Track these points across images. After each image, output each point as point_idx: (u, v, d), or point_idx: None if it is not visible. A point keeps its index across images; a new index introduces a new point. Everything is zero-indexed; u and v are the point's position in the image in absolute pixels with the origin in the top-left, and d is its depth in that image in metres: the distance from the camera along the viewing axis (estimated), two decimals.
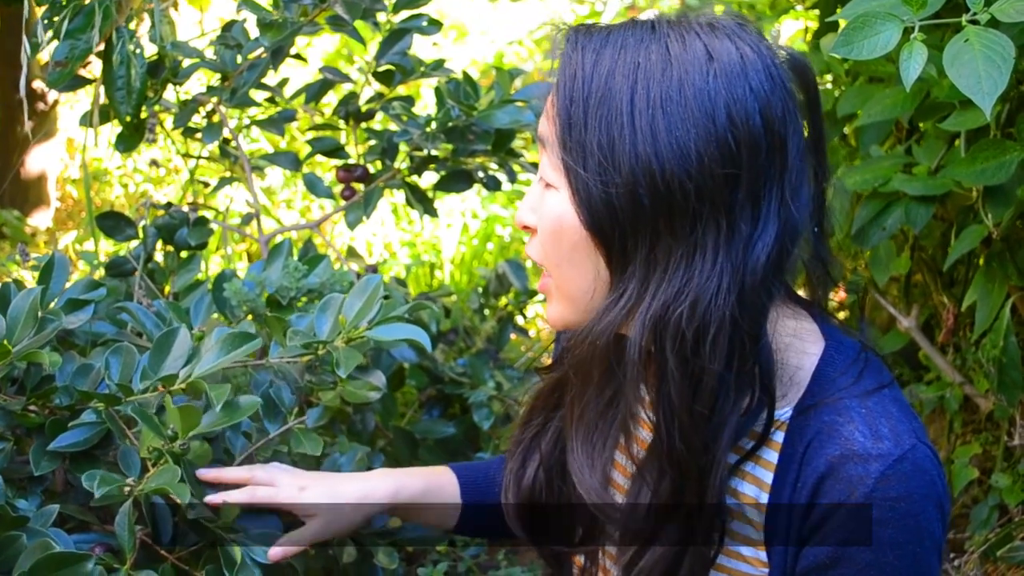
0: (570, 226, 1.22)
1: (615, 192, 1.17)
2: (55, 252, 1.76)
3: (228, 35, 2.35)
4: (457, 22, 6.33)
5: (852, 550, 1.20)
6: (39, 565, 1.33)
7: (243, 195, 4.46)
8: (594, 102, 1.18)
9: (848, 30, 1.61)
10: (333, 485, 1.58)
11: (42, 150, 4.61)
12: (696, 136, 1.15)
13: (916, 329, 2.63)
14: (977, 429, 2.79)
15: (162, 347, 1.59)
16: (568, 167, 1.20)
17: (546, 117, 1.25)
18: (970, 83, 1.53)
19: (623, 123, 1.16)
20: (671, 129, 1.15)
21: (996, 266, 2.23)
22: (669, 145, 1.15)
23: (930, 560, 1.21)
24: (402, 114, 2.37)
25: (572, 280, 1.25)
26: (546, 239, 1.25)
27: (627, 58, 1.18)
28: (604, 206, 1.18)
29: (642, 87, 1.16)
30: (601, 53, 1.19)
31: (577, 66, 1.20)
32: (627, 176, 1.16)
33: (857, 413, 1.22)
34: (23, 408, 1.59)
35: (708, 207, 1.16)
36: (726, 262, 1.16)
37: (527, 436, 1.49)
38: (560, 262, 1.25)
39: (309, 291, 1.99)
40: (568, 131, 1.19)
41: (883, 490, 1.18)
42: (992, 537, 2.42)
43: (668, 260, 1.17)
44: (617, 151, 1.16)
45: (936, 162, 2.28)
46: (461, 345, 3.01)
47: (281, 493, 1.55)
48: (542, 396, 1.48)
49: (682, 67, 1.16)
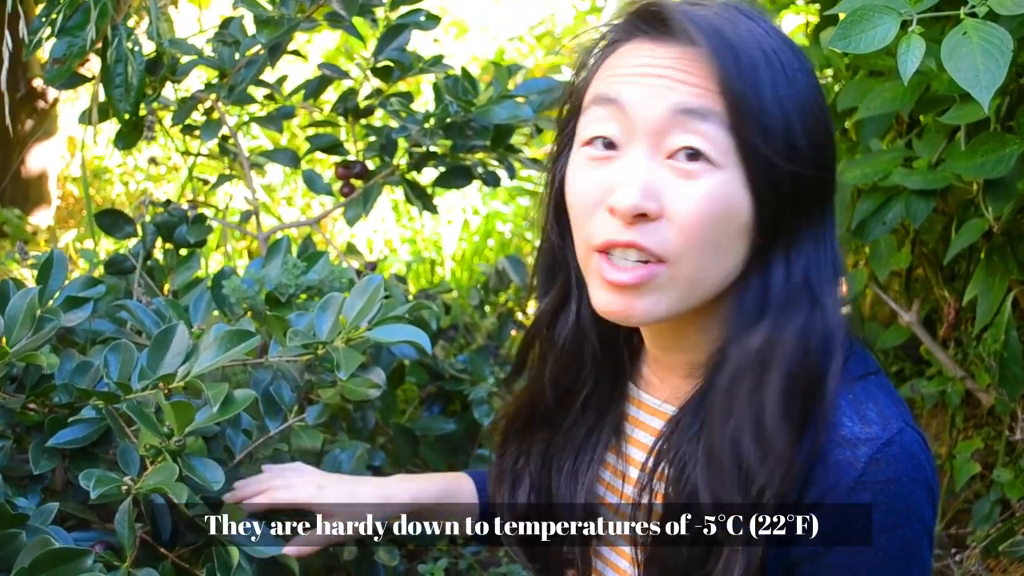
0: (739, 209, 1.19)
1: (799, 171, 1.20)
2: (53, 250, 1.76)
3: (226, 32, 2.35)
4: (458, 18, 6.33)
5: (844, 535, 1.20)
6: (39, 562, 1.32)
7: (242, 192, 4.46)
8: (764, 81, 1.19)
9: (846, 24, 1.60)
10: (352, 487, 1.57)
11: (43, 148, 4.61)
12: (825, 118, 1.24)
13: (917, 323, 2.63)
14: (979, 424, 2.78)
15: (161, 345, 1.59)
16: (749, 146, 1.18)
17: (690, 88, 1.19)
18: (968, 76, 1.53)
19: (786, 103, 1.20)
20: (821, 120, 1.23)
21: (997, 260, 2.22)
22: (818, 126, 1.22)
23: (920, 542, 1.21)
24: (401, 110, 2.36)
25: (712, 269, 1.22)
26: (697, 224, 1.18)
27: (763, 41, 1.21)
28: (791, 185, 1.20)
29: (783, 67, 1.21)
30: (738, 31, 1.21)
31: (730, 42, 1.19)
32: (807, 154, 1.21)
33: (844, 399, 1.22)
34: (22, 406, 1.59)
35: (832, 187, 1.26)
36: (833, 241, 1.26)
37: (507, 465, 1.49)
38: (705, 250, 1.19)
39: (308, 288, 1.99)
40: (746, 109, 1.18)
41: (872, 474, 1.18)
42: (994, 532, 2.42)
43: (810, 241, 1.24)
44: (794, 129, 1.20)
45: (936, 156, 2.28)
46: (461, 341, 3.00)
47: (300, 493, 1.55)
48: (516, 423, 1.48)
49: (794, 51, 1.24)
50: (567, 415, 1.44)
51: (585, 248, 1.25)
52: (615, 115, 1.22)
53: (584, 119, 1.27)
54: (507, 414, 1.51)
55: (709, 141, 1.18)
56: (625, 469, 1.41)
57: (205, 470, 1.50)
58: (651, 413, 1.39)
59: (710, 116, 1.18)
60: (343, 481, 1.59)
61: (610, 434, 1.43)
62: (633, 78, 1.22)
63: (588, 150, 1.25)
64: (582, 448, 1.44)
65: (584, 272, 1.29)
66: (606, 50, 1.30)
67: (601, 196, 1.22)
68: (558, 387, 1.43)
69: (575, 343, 1.41)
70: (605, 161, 1.23)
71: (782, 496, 1.20)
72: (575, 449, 1.44)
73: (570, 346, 1.41)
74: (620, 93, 1.22)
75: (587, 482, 1.42)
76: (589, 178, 1.24)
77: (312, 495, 1.54)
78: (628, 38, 1.27)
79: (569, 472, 1.43)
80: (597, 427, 1.44)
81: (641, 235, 1.19)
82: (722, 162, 1.18)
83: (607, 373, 1.43)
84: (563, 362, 1.42)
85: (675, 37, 1.22)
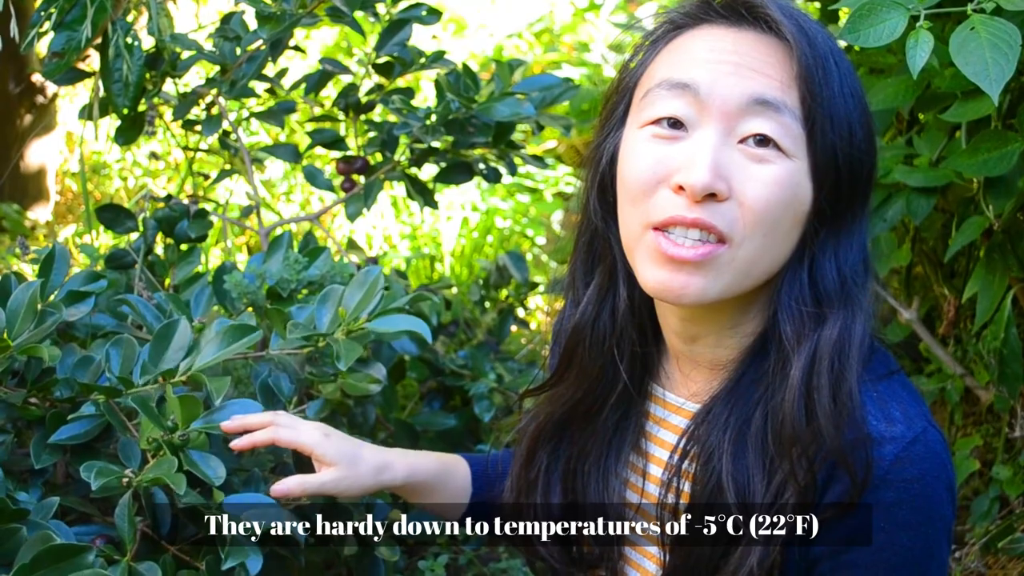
0: (802, 197, 1.22)
1: (857, 165, 1.24)
2: (55, 244, 1.76)
3: (227, 27, 2.35)
4: (456, 16, 6.32)
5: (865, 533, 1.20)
6: (40, 557, 1.32)
7: (242, 188, 4.46)
8: (833, 78, 1.22)
9: (855, 18, 1.61)
10: (355, 445, 1.54)
11: (41, 144, 4.60)
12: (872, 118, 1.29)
13: (917, 321, 2.63)
14: (978, 421, 2.78)
15: (162, 339, 1.59)
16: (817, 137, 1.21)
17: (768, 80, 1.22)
18: (977, 70, 1.53)
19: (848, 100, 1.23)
20: (867, 109, 1.27)
21: (997, 258, 2.22)
22: (869, 127, 1.27)
23: (940, 541, 1.22)
24: (402, 106, 2.36)
25: (772, 253, 1.23)
26: (764, 208, 1.20)
27: (827, 40, 1.26)
28: (848, 177, 1.24)
29: (846, 69, 1.25)
30: (810, 29, 1.24)
31: (808, 39, 1.22)
32: (864, 148, 1.25)
33: (868, 398, 1.23)
34: (24, 401, 1.59)
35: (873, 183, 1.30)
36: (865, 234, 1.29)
37: (537, 472, 1.48)
38: (768, 233, 1.21)
39: (309, 283, 1.99)
40: (817, 103, 1.21)
41: (897, 472, 1.18)
42: (993, 529, 2.42)
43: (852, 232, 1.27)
44: (854, 125, 1.24)
45: (937, 153, 2.28)
46: (462, 337, 3.00)
47: (304, 436, 1.51)
48: (547, 429, 1.47)
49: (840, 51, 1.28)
50: (599, 415, 1.44)
51: (640, 225, 1.25)
52: (686, 97, 1.23)
53: (646, 100, 1.27)
54: (537, 423, 1.48)
55: (783, 129, 1.20)
56: (646, 467, 1.41)
57: (206, 464, 1.50)
58: (674, 411, 1.39)
59: (784, 108, 1.20)
60: (348, 438, 1.55)
61: (633, 433, 1.43)
62: (708, 63, 1.23)
63: (653, 128, 1.25)
64: (608, 449, 1.43)
65: (632, 252, 1.28)
66: (668, 35, 1.30)
67: (665, 174, 1.23)
68: (596, 386, 1.42)
69: (616, 335, 1.40)
70: (672, 140, 1.24)
71: (803, 491, 1.20)
72: (601, 451, 1.44)
73: (612, 339, 1.40)
74: (694, 77, 1.23)
75: (614, 482, 1.42)
76: (653, 155, 1.24)
77: (317, 441, 1.50)
78: (697, 23, 1.29)
79: (596, 474, 1.43)
80: (621, 427, 1.43)
81: (709, 214, 1.20)
82: (792, 151, 1.21)
83: (638, 371, 1.42)
84: (603, 358, 1.41)
85: (755, 24, 1.23)
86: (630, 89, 1.33)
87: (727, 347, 1.30)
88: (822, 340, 1.22)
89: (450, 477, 1.61)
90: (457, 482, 1.62)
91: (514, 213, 4.97)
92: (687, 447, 1.30)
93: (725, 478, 1.23)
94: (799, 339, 1.22)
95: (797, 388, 1.21)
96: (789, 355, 1.22)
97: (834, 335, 1.22)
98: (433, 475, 1.58)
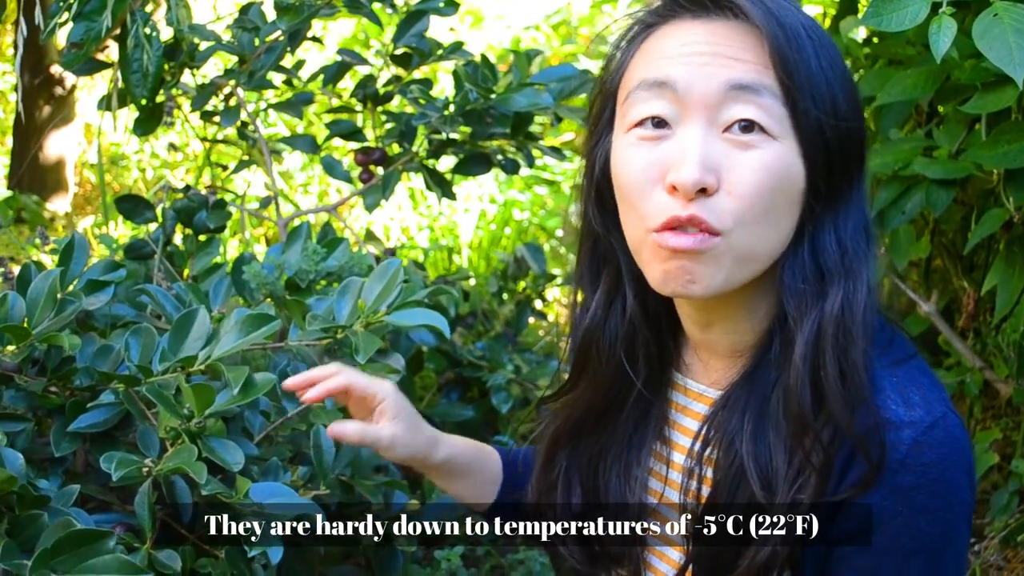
0: (794, 178, 1.21)
1: (844, 137, 1.23)
2: (75, 234, 1.76)
3: (245, 18, 2.35)
4: (473, 8, 6.32)
5: (884, 518, 1.20)
6: (61, 543, 1.33)
7: (261, 179, 4.47)
8: (808, 54, 1.21)
9: (877, 2, 1.61)
10: (415, 414, 1.54)
11: (60, 135, 4.63)
12: (856, 85, 1.27)
13: (936, 314, 2.62)
14: (997, 415, 2.77)
15: (181, 328, 1.60)
16: (801, 115, 1.20)
17: (742, 64, 1.21)
18: (1001, 55, 1.53)
19: (829, 76, 1.22)
20: (850, 77, 1.26)
21: (1017, 250, 2.21)
22: (854, 97, 1.25)
23: (960, 526, 1.21)
24: (420, 97, 2.36)
25: (769, 238, 1.23)
26: (755, 195, 1.19)
27: (799, 17, 1.24)
28: (839, 151, 1.23)
29: (822, 44, 1.23)
30: (779, 6, 1.23)
31: (776, 17, 1.21)
32: (852, 122, 1.24)
33: (888, 382, 1.22)
34: (44, 389, 1.60)
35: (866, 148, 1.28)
36: (864, 205, 1.28)
37: (557, 474, 1.48)
38: (762, 220, 1.21)
39: (328, 274, 1.99)
40: (795, 80, 1.20)
41: (916, 456, 1.18)
42: (1012, 523, 2.42)
43: (848, 206, 1.26)
44: (838, 100, 1.23)
45: (956, 145, 2.26)
46: (480, 329, 3.01)
47: (377, 383, 1.50)
48: (566, 430, 1.47)
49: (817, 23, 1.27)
50: (619, 414, 1.44)
51: (643, 229, 1.24)
52: (666, 95, 1.23)
53: (627, 103, 1.27)
54: (556, 426, 1.48)
55: (765, 111, 1.19)
56: (670, 455, 1.40)
57: (225, 451, 1.51)
58: (695, 399, 1.39)
59: (763, 90, 1.19)
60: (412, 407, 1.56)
61: (657, 424, 1.43)
62: (682, 58, 1.23)
63: (638, 131, 1.25)
64: (631, 443, 1.43)
65: (638, 254, 1.28)
66: (641, 35, 1.30)
67: (657, 176, 1.22)
68: (611, 387, 1.42)
69: (628, 337, 1.40)
70: (658, 140, 1.23)
71: (821, 473, 1.20)
72: (622, 447, 1.43)
73: (623, 341, 1.40)
74: (670, 75, 1.22)
75: (637, 472, 1.42)
76: (643, 158, 1.24)
77: (391, 392, 1.49)
78: (665, 20, 1.28)
79: (618, 467, 1.43)
80: (642, 423, 1.43)
81: (701, 209, 1.19)
82: (777, 132, 1.20)
83: (655, 368, 1.42)
84: (616, 360, 1.40)
85: (722, 13, 1.23)
86: (612, 94, 1.33)
87: (742, 332, 1.30)
88: (824, 315, 1.22)
89: (484, 465, 1.62)
90: (490, 471, 1.62)
91: (532, 205, 4.97)
92: (708, 434, 1.29)
93: (747, 460, 1.23)
94: (801, 315, 1.22)
95: (801, 365, 1.21)
96: (793, 333, 1.22)
97: (835, 309, 1.22)
98: (470, 460, 1.59)
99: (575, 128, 5.15)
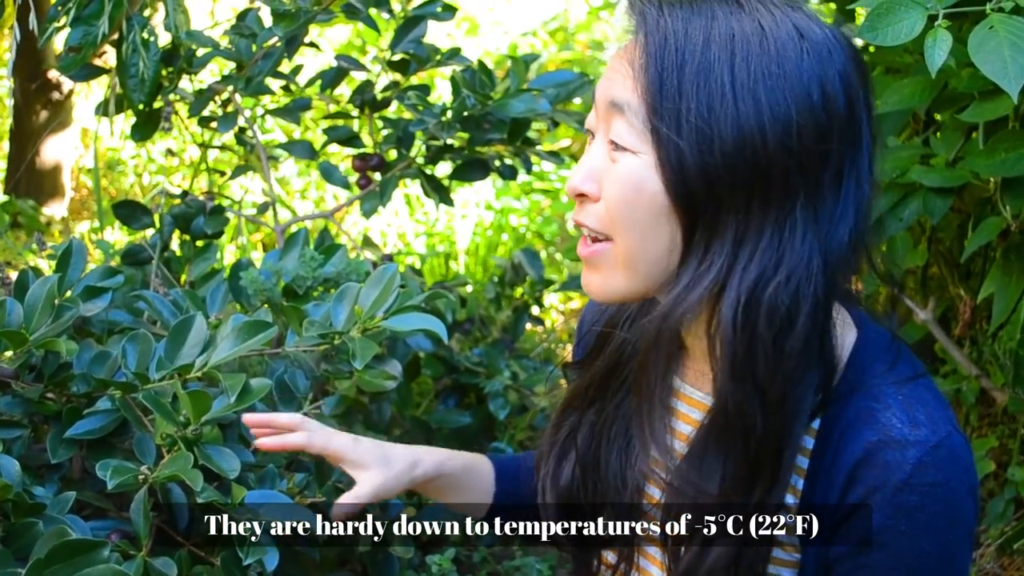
0: (651, 193, 1.19)
1: (713, 162, 1.16)
2: (72, 239, 1.76)
3: (242, 24, 2.35)
4: (470, 14, 6.33)
5: (887, 536, 1.19)
6: (55, 552, 1.33)
7: (258, 185, 4.47)
8: (691, 70, 1.17)
9: (873, 16, 1.61)
10: (382, 444, 1.54)
11: (57, 140, 4.62)
12: (796, 111, 1.16)
13: (933, 322, 2.62)
14: (993, 423, 2.77)
15: (178, 335, 1.59)
16: (660, 134, 1.18)
17: (624, 79, 1.21)
18: (996, 68, 1.53)
19: (724, 93, 1.16)
20: (773, 103, 1.15)
21: (1013, 259, 2.21)
22: (773, 119, 1.15)
23: (963, 546, 1.21)
24: (417, 103, 2.36)
25: (643, 249, 1.22)
26: (616, 205, 1.21)
27: (721, 28, 1.18)
28: (700, 175, 1.17)
29: (741, 58, 1.16)
30: (691, 21, 1.19)
31: (668, 32, 1.18)
32: (729, 147, 1.16)
33: (894, 400, 1.22)
34: (40, 395, 1.60)
35: (802, 183, 1.17)
36: (814, 240, 1.18)
37: (561, 437, 1.48)
38: (630, 229, 1.21)
39: (325, 280, 1.99)
40: (660, 97, 1.18)
41: (920, 476, 1.18)
42: (1008, 530, 2.41)
43: (760, 235, 1.18)
44: (718, 121, 1.16)
45: (954, 153, 2.26)
46: (477, 335, 3.00)
47: (335, 440, 1.50)
48: (576, 396, 1.47)
49: (777, 41, 1.17)
50: (619, 387, 1.44)
51: None
52: (594, 107, 1.28)
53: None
54: (573, 389, 1.49)
55: (627, 127, 1.21)
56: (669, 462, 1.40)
57: (221, 458, 1.51)
58: (692, 405, 1.38)
59: (628, 107, 1.20)
60: (374, 442, 1.55)
61: None
62: (605, 72, 1.27)
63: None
64: (632, 425, 1.43)
65: None
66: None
67: None
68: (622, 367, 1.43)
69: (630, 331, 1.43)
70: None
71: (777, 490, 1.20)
72: (626, 424, 1.43)
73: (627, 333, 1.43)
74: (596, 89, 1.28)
75: (641, 456, 1.41)
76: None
77: (347, 446, 1.50)
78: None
79: (621, 446, 1.43)
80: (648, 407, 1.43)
81: (581, 214, 1.26)
82: (636, 148, 1.20)
83: None
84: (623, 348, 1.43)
85: (642, 23, 1.23)
86: None
87: (704, 337, 1.29)
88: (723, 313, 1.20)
89: (475, 475, 1.61)
90: (482, 481, 1.62)
91: (528, 212, 4.97)
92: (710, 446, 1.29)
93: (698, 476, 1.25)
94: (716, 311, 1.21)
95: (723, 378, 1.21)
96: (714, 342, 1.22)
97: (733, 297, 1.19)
98: (460, 472, 1.59)
99: (572, 134, 5.16)
